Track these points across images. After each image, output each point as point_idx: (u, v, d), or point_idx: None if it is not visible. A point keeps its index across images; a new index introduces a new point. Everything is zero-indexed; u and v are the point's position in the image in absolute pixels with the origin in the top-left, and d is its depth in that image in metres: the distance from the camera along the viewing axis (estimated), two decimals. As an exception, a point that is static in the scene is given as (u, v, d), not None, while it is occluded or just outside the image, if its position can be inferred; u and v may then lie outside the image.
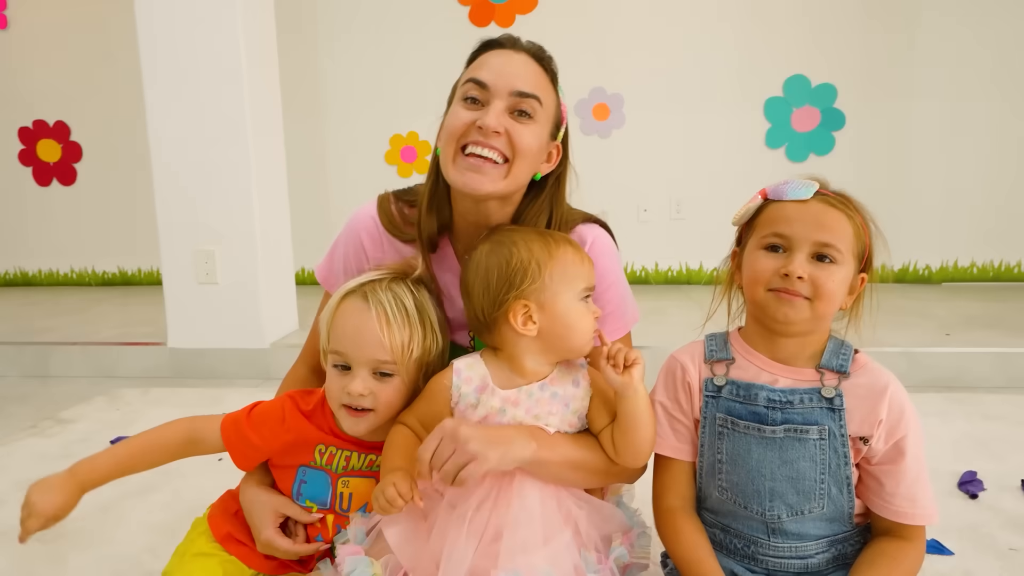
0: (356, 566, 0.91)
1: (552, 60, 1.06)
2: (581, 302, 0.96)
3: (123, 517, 1.51)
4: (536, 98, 1.00)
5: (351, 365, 0.97)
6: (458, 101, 1.02)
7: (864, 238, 0.93)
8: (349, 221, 1.19)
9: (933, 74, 3.56)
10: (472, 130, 0.98)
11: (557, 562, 0.90)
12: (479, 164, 0.99)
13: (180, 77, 2.45)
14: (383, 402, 0.97)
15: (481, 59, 1.04)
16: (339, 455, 1.04)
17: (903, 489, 0.90)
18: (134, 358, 2.68)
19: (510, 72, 1.00)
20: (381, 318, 0.96)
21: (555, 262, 0.95)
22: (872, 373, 0.92)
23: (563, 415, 0.97)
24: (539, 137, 1.02)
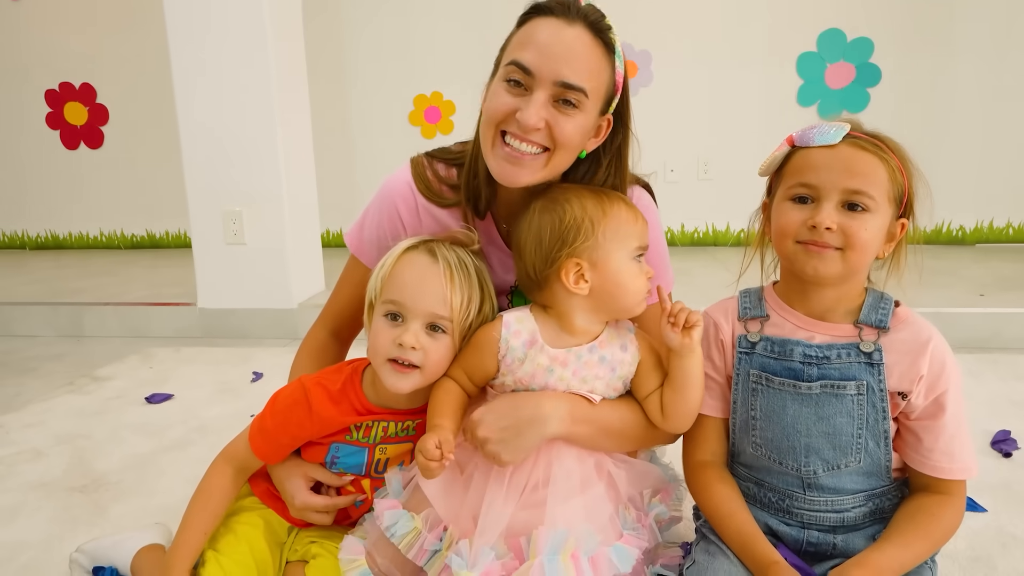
0: (396, 519, 0.92)
1: (611, 30, 0.95)
2: (634, 261, 0.95)
3: (162, 471, 1.55)
4: (582, 90, 0.91)
5: (405, 316, 0.94)
6: (501, 80, 0.95)
7: (901, 181, 0.88)
8: (382, 188, 1.14)
9: (974, 27, 3.41)
10: (512, 119, 0.93)
11: (593, 515, 0.92)
12: (517, 157, 0.94)
13: (206, 40, 2.44)
14: (432, 359, 0.95)
15: (529, 29, 0.93)
16: (376, 427, 1.02)
17: (941, 444, 0.88)
18: (165, 318, 2.73)
19: (557, 55, 0.90)
20: (446, 273, 0.94)
21: (608, 220, 0.93)
22: (913, 326, 0.90)
23: (609, 380, 0.97)
24: (583, 126, 0.95)
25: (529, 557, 0.87)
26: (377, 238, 1.14)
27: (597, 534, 0.90)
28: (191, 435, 1.74)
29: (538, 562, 0.85)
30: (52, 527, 1.32)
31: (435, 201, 1.09)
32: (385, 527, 0.92)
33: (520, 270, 0.97)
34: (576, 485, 0.93)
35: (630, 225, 0.94)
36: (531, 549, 0.87)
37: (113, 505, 1.40)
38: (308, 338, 1.23)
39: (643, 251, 0.96)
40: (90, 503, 1.41)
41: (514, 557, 0.88)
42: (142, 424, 1.82)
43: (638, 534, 0.94)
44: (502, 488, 0.92)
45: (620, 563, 0.89)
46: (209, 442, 1.70)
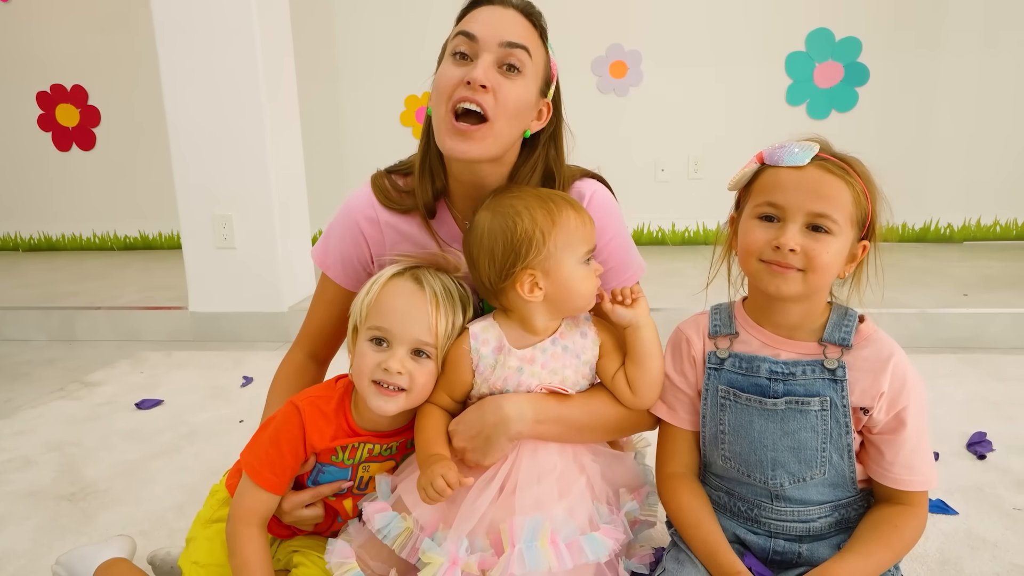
0: (389, 521, 0.95)
1: (541, 16, 1.05)
2: (583, 265, 0.98)
3: (150, 477, 1.57)
4: (525, 49, 0.99)
5: (391, 342, 0.97)
6: (447, 58, 1.02)
7: (865, 205, 0.89)
8: (343, 207, 1.18)
9: (961, 27, 3.43)
10: (460, 86, 0.98)
11: (572, 510, 0.95)
12: (466, 129, 0.98)
13: (194, 42, 2.44)
14: (418, 383, 0.97)
15: (470, 15, 1.03)
16: (361, 449, 1.04)
17: (901, 458, 0.90)
18: (157, 322, 2.74)
19: (499, 24, 0.99)
20: (432, 300, 0.97)
21: (558, 229, 0.95)
22: (876, 344, 0.92)
23: (576, 367, 1.00)
24: (526, 93, 1.01)
25: (505, 546, 0.89)
26: (341, 255, 1.17)
27: (573, 523, 0.93)
28: (180, 441, 1.76)
29: (517, 550, 0.88)
30: (40, 536, 1.34)
31: (395, 208, 1.12)
32: (377, 529, 0.95)
33: (475, 279, 1.01)
34: (553, 478, 0.96)
35: (579, 231, 0.97)
36: (506, 539, 0.90)
37: (101, 513, 1.42)
38: (286, 361, 1.25)
39: (591, 253, 0.99)
40: (78, 511, 1.43)
41: (495, 553, 0.90)
42: (132, 430, 1.84)
43: (614, 527, 0.96)
44: (482, 483, 0.95)
45: (594, 553, 0.91)
46: (197, 448, 1.72)
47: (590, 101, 3.72)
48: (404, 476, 1.01)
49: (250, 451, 1.03)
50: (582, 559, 0.90)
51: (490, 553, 0.90)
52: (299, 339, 1.26)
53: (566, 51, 3.71)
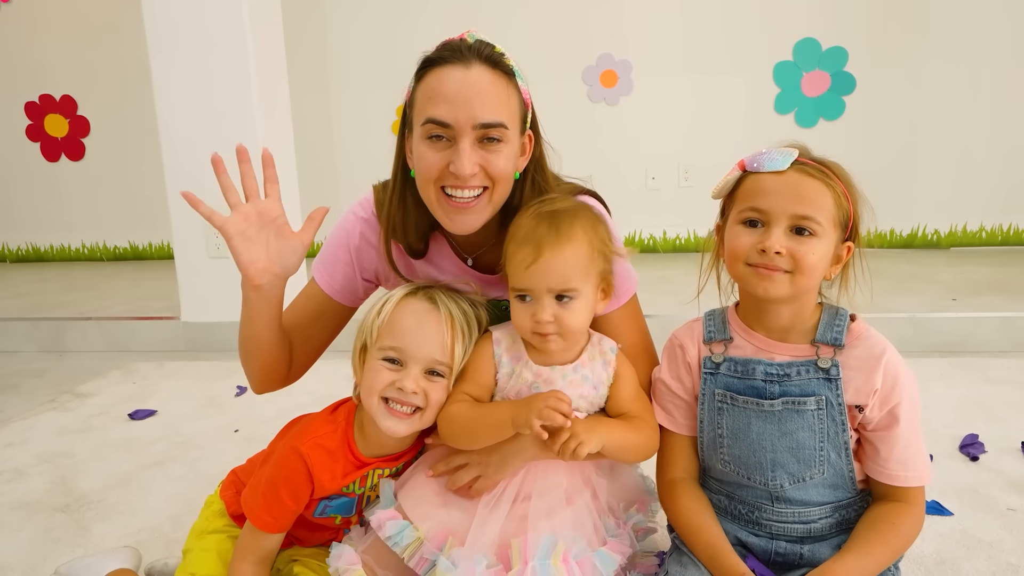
0: (400, 529, 0.94)
1: (504, 57, 0.98)
2: (517, 299, 0.96)
3: (144, 488, 1.56)
4: (502, 125, 0.95)
5: (406, 361, 0.96)
6: (422, 140, 0.97)
7: (847, 206, 0.91)
8: (345, 218, 1.16)
9: (945, 37, 3.49)
10: (447, 173, 0.96)
11: (579, 523, 0.95)
12: (463, 206, 0.97)
13: (186, 51, 2.44)
14: (432, 402, 0.96)
15: (431, 83, 0.96)
16: (372, 475, 1.03)
17: (896, 454, 0.91)
18: (148, 332, 2.72)
19: (468, 100, 0.93)
20: (448, 321, 0.97)
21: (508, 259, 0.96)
22: (868, 341, 0.93)
23: (592, 398, 0.99)
24: (511, 154, 0.98)
25: (514, 564, 0.89)
26: (342, 263, 1.15)
27: (583, 539, 0.93)
28: (174, 451, 1.75)
29: (531, 566, 0.88)
30: (34, 548, 1.33)
31: (397, 239, 1.10)
32: (387, 536, 0.94)
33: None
34: (562, 495, 0.96)
35: (522, 267, 0.93)
36: (517, 555, 0.89)
37: (96, 524, 1.41)
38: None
39: (529, 292, 0.94)
40: (72, 523, 1.42)
41: (503, 569, 0.90)
42: (125, 441, 1.83)
43: (620, 540, 0.97)
44: (492, 499, 0.95)
45: (604, 568, 0.92)
46: (192, 458, 1.71)
47: (581, 110, 3.75)
48: (407, 482, 1.01)
49: (249, 492, 1.01)
50: (593, 575, 0.90)
51: (499, 568, 0.90)
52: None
53: (557, 60, 3.76)
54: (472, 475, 0.96)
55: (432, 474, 0.99)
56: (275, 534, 0.99)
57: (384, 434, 0.98)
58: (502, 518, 0.93)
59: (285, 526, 0.99)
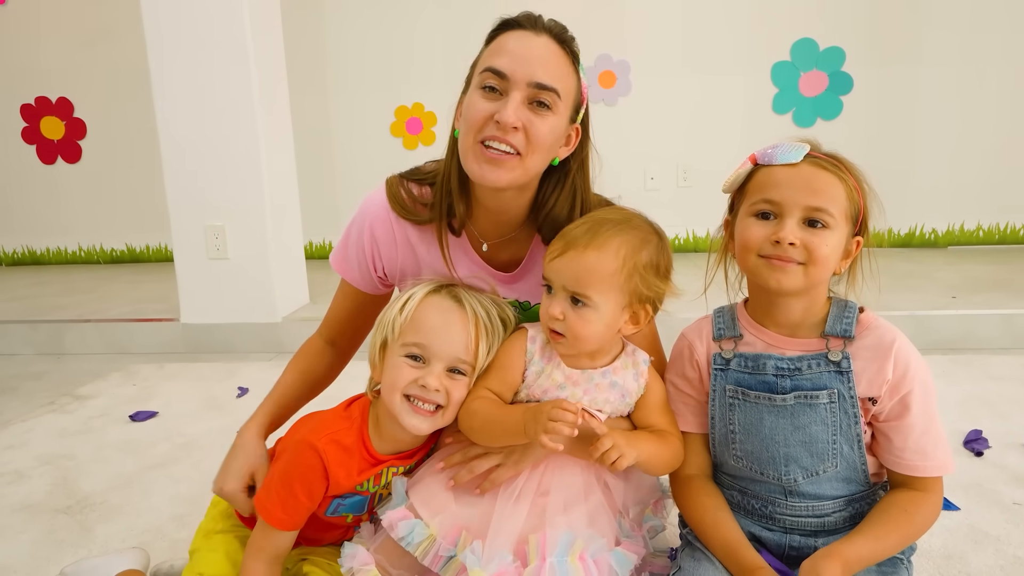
0: (412, 528, 0.93)
1: (574, 41, 1.02)
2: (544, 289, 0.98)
3: (147, 490, 1.55)
4: (555, 91, 0.96)
5: (429, 359, 0.95)
6: (476, 88, 0.99)
7: (858, 200, 0.91)
8: (359, 210, 1.15)
9: (941, 37, 3.51)
10: (490, 123, 0.96)
11: (595, 522, 0.95)
12: (497, 157, 0.97)
13: (186, 52, 2.44)
14: (454, 399, 0.96)
15: (500, 41, 0.99)
16: (386, 473, 1.02)
17: (912, 443, 0.91)
18: (148, 334, 2.71)
19: (529, 59, 0.95)
20: (473, 320, 0.97)
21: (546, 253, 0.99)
22: (877, 331, 0.93)
23: (617, 405, 0.99)
24: (556, 128, 0.99)
25: (531, 560, 0.88)
26: (357, 258, 1.16)
27: (601, 538, 0.93)
28: (177, 452, 1.74)
29: (549, 563, 0.87)
30: (38, 549, 1.32)
31: (409, 219, 1.10)
32: (400, 537, 0.93)
33: None
34: (579, 493, 0.96)
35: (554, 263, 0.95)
36: (534, 551, 0.89)
37: (99, 526, 1.39)
38: (307, 343, 1.26)
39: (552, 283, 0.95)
40: (75, 524, 1.41)
41: (520, 564, 0.89)
42: (126, 442, 1.82)
43: (635, 541, 0.97)
44: (512, 493, 0.95)
45: (620, 568, 0.92)
46: (195, 459, 1.70)
47: (579, 111, 3.74)
48: (418, 480, 1.01)
49: (263, 490, 1.00)
50: (610, 575, 0.90)
51: (517, 564, 0.89)
52: (321, 325, 1.28)
53: (555, 62, 3.75)
54: (491, 463, 0.96)
55: (444, 466, 0.99)
56: (289, 531, 0.98)
57: (401, 431, 0.97)
58: (524, 512, 0.93)
59: (299, 523, 0.98)
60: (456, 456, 0.99)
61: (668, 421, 1.01)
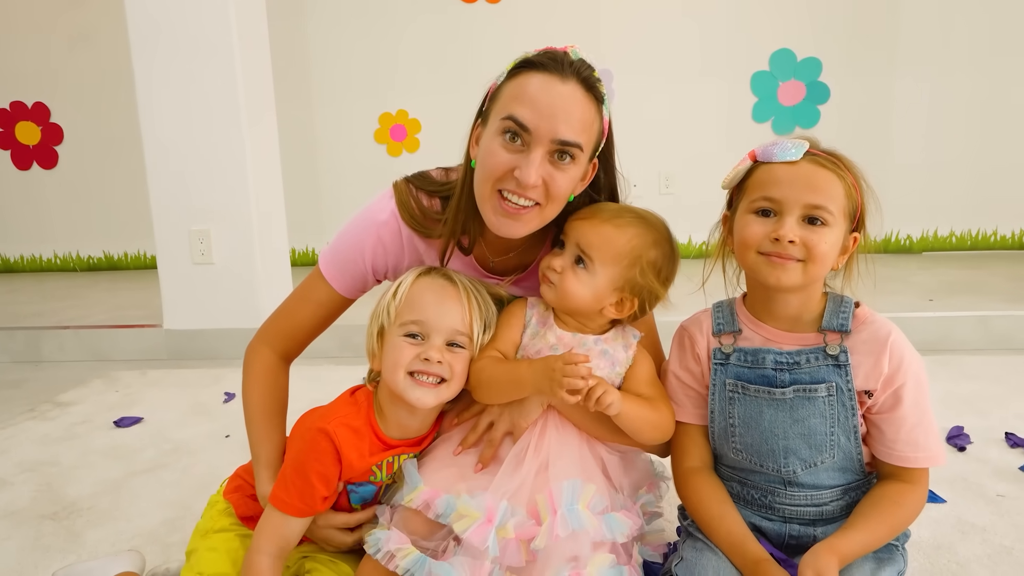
0: (447, 505, 0.94)
1: (600, 83, 0.98)
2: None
3: (137, 494, 1.52)
4: (578, 146, 0.95)
5: (427, 334, 0.97)
6: (496, 135, 0.95)
7: (856, 197, 0.93)
8: (364, 214, 1.11)
9: (915, 48, 3.61)
10: (510, 176, 0.95)
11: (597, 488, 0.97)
12: (515, 212, 0.97)
13: (172, 56, 2.42)
14: (457, 372, 0.98)
15: (523, 84, 0.94)
16: (396, 461, 1.02)
17: (903, 435, 0.93)
18: (129, 340, 2.67)
19: (555, 114, 0.92)
20: (464, 294, 1.00)
21: None
22: (873, 325, 0.95)
23: (608, 373, 1.01)
24: (576, 176, 0.99)
25: (544, 518, 0.91)
26: (350, 261, 1.12)
27: (601, 495, 0.96)
28: (164, 458, 1.72)
29: (559, 514, 0.90)
30: (25, 555, 1.29)
31: (421, 232, 1.08)
32: (437, 515, 0.93)
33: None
34: (577, 464, 0.98)
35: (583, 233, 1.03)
36: (544, 508, 0.91)
37: (88, 531, 1.37)
38: (258, 362, 1.15)
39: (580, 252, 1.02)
40: (63, 530, 1.38)
41: (535, 524, 0.91)
42: (112, 448, 1.78)
43: (630, 512, 0.99)
44: (513, 454, 0.99)
45: (615, 532, 0.93)
46: (184, 464, 1.67)
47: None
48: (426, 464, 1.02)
49: (279, 483, 0.98)
50: (605, 536, 0.92)
51: (531, 523, 0.91)
52: (271, 336, 1.17)
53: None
54: (504, 428, 1.01)
55: (460, 450, 1.02)
56: (300, 519, 0.97)
57: (407, 415, 0.99)
58: (531, 473, 0.96)
59: (315, 508, 0.98)
60: (470, 436, 1.03)
61: (657, 392, 1.04)
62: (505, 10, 3.68)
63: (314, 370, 1.15)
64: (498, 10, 3.69)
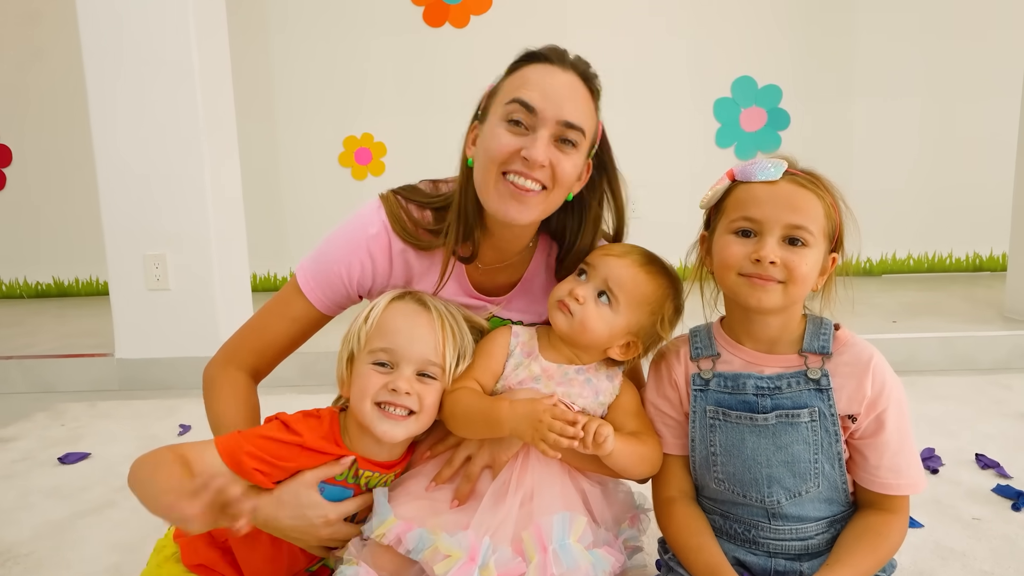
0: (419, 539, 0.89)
1: (597, 78, 1.02)
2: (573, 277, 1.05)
3: (80, 537, 1.42)
4: (581, 130, 0.96)
5: (397, 363, 0.93)
6: (500, 121, 0.96)
7: (835, 217, 0.92)
8: (350, 226, 1.08)
9: (869, 76, 3.72)
10: (516, 158, 0.94)
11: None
12: (522, 193, 0.95)
13: (128, 76, 2.34)
14: (427, 404, 0.94)
15: (526, 73, 0.97)
16: (364, 475, 0.97)
17: (886, 461, 0.91)
18: (78, 371, 2.54)
19: (559, 97, 0.94)
20: (439, 322, 0.96)
21: None
22: (854, 348, 0.94)
23: (590, 402, 0.99)
24: (578, 165, 0.99)
25: (531, 557, 0.87)
26: (336, 277, 1.08)
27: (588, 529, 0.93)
28: (112, 496, 1.61)
29: (551, 551, 0.86)
30: (-47, 610, 1.18)
31: (412, 244, 1.05)
32: (408, 550, 0.89)
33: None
34: (559, 499, 0.95)
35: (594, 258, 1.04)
36: (532, 546, 0.87)
37: (26, 581, 1.26)
38: (226, 383, 1.09)
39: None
40: (-2, 580, 1.27)
41: (522, 561, 0.87)
42: (55, 487, 1.67)
43: (613, 548, 0.96)
44: (495, 489, 0.94)
45: (597, 570, 0.89)
46: (133, 502, 1.55)
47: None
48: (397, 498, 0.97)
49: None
50: (588, 572, 0.88)
51: (516, 561, 0.87)
52: (238, 354, 1.12)
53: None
54: (483, 463, 0.96)
55: (434, 485, 0.97)
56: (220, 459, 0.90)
57: (374, 443, 0.94)
58: (513, 508, 0.91)
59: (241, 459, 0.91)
60: (445, 471, 0.98)
61: (643, 424, 1.01)
62: (471, 34, 3.69)
63: (276, 399, 1.09)
64: (464, 34, 3.69)
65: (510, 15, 3.69)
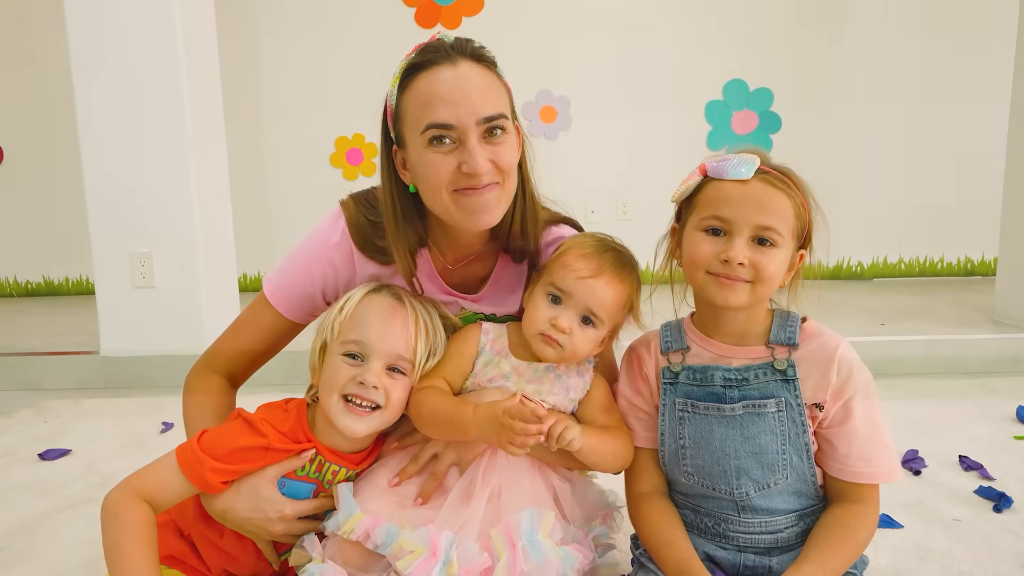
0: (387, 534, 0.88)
1: (484, 49, 0.97)
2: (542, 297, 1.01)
3: (55, 533, 1.41)
4: (503, 115, 0.93)
5: (367, 356, 0.92)
6: (425, 147, 0.92)
7: (804, 215, 0.92)
8: (312, 238, 1.07)
9: (860, 80, 3.73)
10: (459, 175, 0.92)
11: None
12: (483, 202, 0.94)
13: (115, 75, 2.34)
14: (394, 399, 0.93)
15: (420, 90, 0.92)
16: (328, 468, 0.97)
17: (856, 449, 0.91)
18: (62, 368, 2.52)
19: (464, 98, 0.90)
20: (411, 317, 0.95)
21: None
22: (821, 339, 0.94)
23: (560, 398, 0.98)
24: (515, 145, 0.97)
25: (500, 554, 0.86)
26: (301, 287, 1.08)
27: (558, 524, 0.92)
28: (92, 492, 1.60)
29: (520, 547, 0.86)
30: (-77, 604, 1.17)
31: (372, 258, 1.04)
32: (376, 544, 0.88)
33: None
34: (528, 495, 0.94)
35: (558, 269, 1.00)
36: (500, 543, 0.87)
37: None
38: (202, 388, 1.11)
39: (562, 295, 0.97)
40: (-31, 574, 1.26)
41: (488, 558, 0.87)
42: (34, 483, 1.66)
43: (582, 545, 0.95)
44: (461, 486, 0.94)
45: (564, 566, 0.89)
46: (112, 499, 1.56)
47: (521, 145, 3.79)
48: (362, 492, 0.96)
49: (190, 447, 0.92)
50: (557, 571, 0.87)
51: (482, 556, 0.86)
52: (216, 361, 1.13)
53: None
54: (449, 461, 0.95)
55: (398, 481, 0.95)
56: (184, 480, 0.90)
57: (339, 436, 0.93)
58: (480, 505, 0.90)
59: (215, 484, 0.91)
60: (410, 467, 0.97)
61: (614, 419, 1.01)
62: (463, 35, 3.69)
63: (261, 399, 1.08)
64: (456, 35, 3.69)
65: (501, 17, 3.70)
